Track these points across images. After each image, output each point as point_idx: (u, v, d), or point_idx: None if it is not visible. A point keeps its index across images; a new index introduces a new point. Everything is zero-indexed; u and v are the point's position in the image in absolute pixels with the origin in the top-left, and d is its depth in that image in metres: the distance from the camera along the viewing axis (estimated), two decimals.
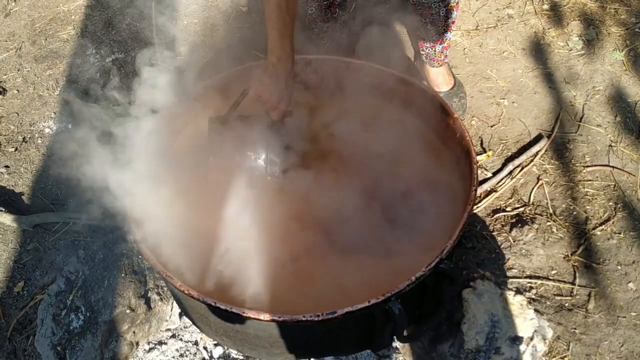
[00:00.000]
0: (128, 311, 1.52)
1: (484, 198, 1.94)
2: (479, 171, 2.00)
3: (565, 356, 1.56)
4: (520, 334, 1.44)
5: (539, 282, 1.71)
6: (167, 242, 1.38)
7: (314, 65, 1.83)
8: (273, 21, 1.48)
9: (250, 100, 1.63)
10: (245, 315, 1.20)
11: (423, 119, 1.76)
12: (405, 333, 1.38)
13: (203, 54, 2.41)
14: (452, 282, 1.31)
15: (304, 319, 1.20)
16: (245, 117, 1.65)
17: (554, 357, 1.55)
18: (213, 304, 1.23)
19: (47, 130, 2.20)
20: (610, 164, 1.95)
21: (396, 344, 1.59)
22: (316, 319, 1.20)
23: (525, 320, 1.46)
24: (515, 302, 1.49)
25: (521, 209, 1.89)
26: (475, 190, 1.41)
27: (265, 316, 1.20)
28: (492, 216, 1.89)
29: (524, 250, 1.79)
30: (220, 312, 1.26)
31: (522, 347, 1.43)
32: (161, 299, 1.59)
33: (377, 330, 1.31)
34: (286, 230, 1.54)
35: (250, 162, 1.63)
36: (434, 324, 1.40)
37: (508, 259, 1.77)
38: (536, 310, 1.50)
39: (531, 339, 1.44)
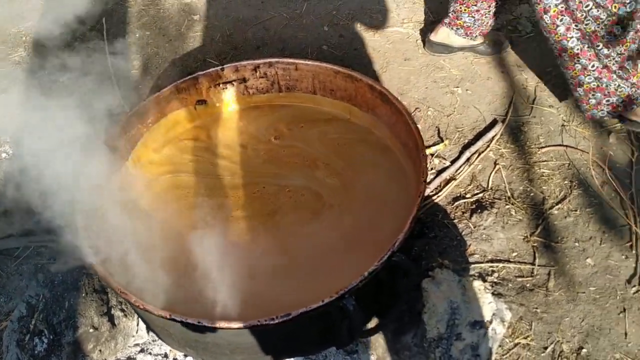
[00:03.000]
0: (91, 330, 1.52)
1: (444, 187, 1.96)
2: (438, 161, 2.04)
3: (528, 336, 1.58)
4: (479, 319, 1.46)
5: (500, 265, 1.74)
6: (122, 260, 1.40)
7: (262, 70, 1.84)
8: None
9: None
10: (200, 324, 1.21)
11: (374, 114, 1.78)
12: (369, 327, 1.41)
13: (157, 65, 2.40)
14: (407, 274, 1.33)
15: (258, 323, 1.21)
16: None
17: (517, 337, 1.57)
18: (168, 316, 1.24)
19: (3, 155, 2.19)
20: (564, 143, 1.98)
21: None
22: (271, 322, 1.21)
23: (483, 304, 1.49)
24: (474, 287, 1.51)
25: (480, 195, 1.91)
26: (424, 182, 1.43)
27: (221, 324, 1.21)
28: (453, 204, 1.91)
29: (484, 235, 1.81)
30: (178, 324, 1.26)
31: (482, 330, 1.45)
32: (125, 315, 1.59)
33: (335, 327, 1.33)
34: (243, 253, 1.57)
35: None
36: (392, 317, 1.42)
37: (469, 245, 1.79)
38: (494, 294, 1.52)
39: (490, 322, 1.46)
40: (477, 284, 1.52)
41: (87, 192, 1.46)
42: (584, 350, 1.54)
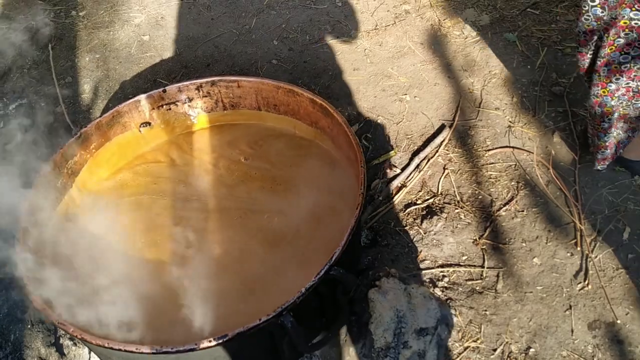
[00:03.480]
0: None
1: (395, 194, 1.97)
2: (389, 169, 2.05)
3: (477, 339, 1.59)
4: (424, 326, 1.48)
5: (451, 269, 1.75)
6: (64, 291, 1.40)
7: (205, 89, 1.84)
8: None
9: None
10: (136, 351, 1.21)
11: (317, 127, 1.79)
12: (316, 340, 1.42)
13: (108, 88, 2.39)
14: (345, 287, 1.34)
15: (196, 347, 1.21)
16: None
17: (467, 341, 1.59)
18: (106, 345, 1.23)
19: None
20: (510, 145, 2.01)
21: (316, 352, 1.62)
22: (209, 344, 1.21)
23: (428, 311, 1.50)
24: (419, 294, 1.53)
25: (431, 200, 1.93)
26: (362, 195, 1.44)
27: (168, 348, 1.21)
28: (405, 211, 1.92)
29: (435, 241, 1.83)
30: (116, 352, 1.26)
31: (428, 337, 1.46)
32: (75, 344, 1.58)
33: (277, 345, 1.33)
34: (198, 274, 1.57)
35: None
36: (339, 329, 1.43)
37: (420, 252, 1.81)
38: (443, 299, 1.54)
39: (435, 328, 1.48)
40: (423, 291, 1.53)
41: (26, 223, 1.45)
42: (531, 349, 1.56)
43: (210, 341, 1.20)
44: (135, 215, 1.76)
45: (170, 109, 1.86)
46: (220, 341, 1.21)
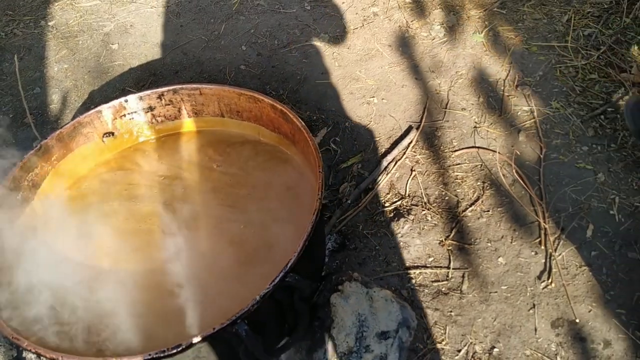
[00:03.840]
0: None
1: (363, 198, 1.98)
2: (357, 172, 2.05)
3: (442, 340, 1.60)
4: (386, 329, 1.47)
5: (417, 271, 1.75)
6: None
7: (167, 97, 1.84)
8: None
9: None
10: None
11: (280, 132, 1.79)
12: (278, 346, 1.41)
13: (76, 98, 2.38)
14: (301, 293, 1.34)
15: (149, 357, 1.20)
16: None
17: (432, 343, 1.59)
18: (60, 358, 1.22)
19: None
20: (476, 145, 2.01)
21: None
22: (162, 355, 1.20)
23: (390, 314, 1.50)
24: (381, 298, 1.52)
25: (398, 203, 1.93)
26: (320, 200, 1.43)
27: None
28: (373, 214, 1.93)
29: (402, 243, 1.83)
30: None
31: (390, 340, 1.46)
32: (38, 356, 1.57)
33: (236, 353, 1.32)
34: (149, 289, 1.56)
35: None
36: (298, 336, 1.42)
37: (387, 254, 1.81)
38: (400, 302, 1.54)
39: (396, 331, 1.48)
40: (384, 294, 1.53)
41: None
42: (495, 349, 1.56)
43: (164, 351, 1.20)
44: (101, 223, 1.74)
45: (133, 118, 1.85)
46: (174, 351, 1.20)
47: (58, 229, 1.71)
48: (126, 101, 1.81)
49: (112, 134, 1.85)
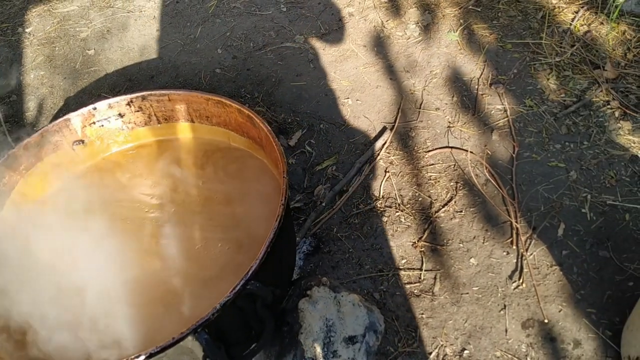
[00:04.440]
0: None
1: (338, 200, 1.97)
2: (332, 174, 2.04)
3: (413, 343, 1.59)
4: (353, 334, 1.47)
5: (390, 274, 1.75)
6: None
7: (136, 104, 1.83)
8: None
9: None
10: None
11: (249, 137, 1.78)
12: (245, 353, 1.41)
13: (52, 105, 2.37)
14: (263, 300, 1.33)
15: None
16: None
17: (403, 346, 1.59)
18: None
19: None
20: (450, 145, 2.01)
21: None
22: None
23: (357, 318, 1.49)
24: (348, 302, 1.52)
25: (372, 204, 1.92)
26: (283, 205, 1.42)
27: None
28: (347, 216, 1.92)
29: (375, 245, 1.82)
30: None
31: (357, 345, 1.46)
32: None
33: None
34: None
35: None
36: (264, 343, 1.42)
37: (360, 257, 1.80)
38: (367, 307, 1.53)
39: (364, 335, 1.47)
40: (352, 299, 1.52)
41: None
42: (466, 351, 1.56)
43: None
44: (72, 234, 1.74)
45: (103, 125, 1.85)
46: None
47: (27, 238, 1.71)
48: (94, 109, 1.80)
49: (82, 141, 1.84)
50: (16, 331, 1.44)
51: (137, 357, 1.20)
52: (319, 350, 1.46)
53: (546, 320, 1.56)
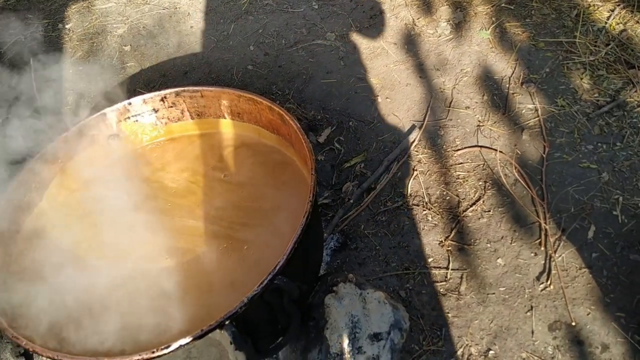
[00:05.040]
0: None
1: (366, 197, 1.98)
2: (360, 172, 2.06)
3: (438, 341, 1.60)
4: (378, 330, 1.49)
5: (416, 272, 1.76)
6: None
7: (170, 100, 1.87)
8: None
9: None
10: None
11: (279, 134, 1.81)
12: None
13: (89, 99, 2.45)
14: (290, 295, 1.36)
15: (139, 357, 1.24)
16: None
17: (428, 344, 1.60)
18: (56, 357, 1.27)
19: None
20: (479, 144, 2.00)
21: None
22: (150, 355, 1.24)
23: (382, 315, 1.51)
24: (374, 299, 1.53)
25: (400, 202, 1.93)
26: (311, 202, 1.44)
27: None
28: (374, 214, 1.93)
29: (402, 243, 1.83)
30: None
31: (382, 342, 1.47)
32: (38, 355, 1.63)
33: (229, 353, 1.36)
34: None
35: None
36: (290, 338, 1.44)
37: (387, 255, 1.82)
38: (393, 304, 1.54)
39: (388, 333, 1.49)
40: (377, 296, 1.53)
41: None
42: (491, 352, 1.56)
43: (153, 352, 1.24)
44: (105, 230, 1.79)
45: (137, 120, 1.90)
46: (163, 352, 1.23)
47: (65, 231, 1.77)
48: (130, 104, 1.86)
49: (118, 136, 1.90)
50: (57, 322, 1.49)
51: (167, 347, 1.25)
52: (344, 346, 1.48)
53: (574, 323, 1.55)
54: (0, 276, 1.51)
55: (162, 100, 1.87)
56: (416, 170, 1.99)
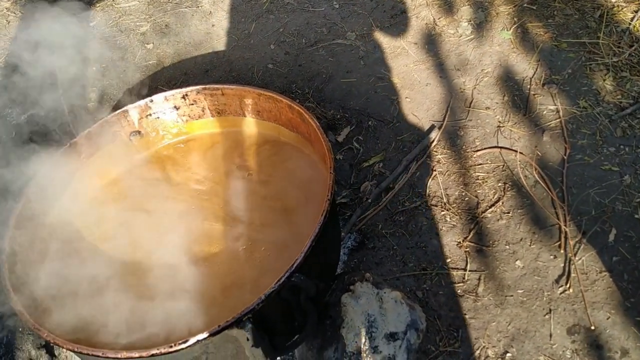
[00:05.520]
0: None
1: (384, 197, 1.98)
2: (379, 171, 2.06)
3: (455, 343, 1.59)
4: (395, 330, 1.49)
5: (434, 272, 1.75)
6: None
7: (191, 97, 1.89)
8: None
9: None
10: (102, 356, 1.26)
11: (298, 132, 1.82)
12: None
13: (112, 96, 2.48)
14: (307, 293, 1.36)
15: (157, 352, 1.25)
16: None
17: (445, 345, 1.59)
18: (76, 349, 1.30)
19: None
20: (499, 145, 1.98)
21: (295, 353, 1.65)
22: (168, 350, 1.25)
23: (399, 315, 1.51)
24: (390, 299, 1.53)
25: (418, 202, 1.93)
26: (329, 201, 1.45)
27: (123, 354, 1.27)
28: (392, 213, 1.93)
29: (420, 243, 1.83)
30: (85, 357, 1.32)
31: (398, 342, 1.47)
32: (59, 347, 1.65)
33: (245, 350, 1.37)
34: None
35: None
36: (306, 335, 1.45)
37: (404, 255, 1.81)
38: (410, 304, 1.54)
39: (405, 333, 1.48)
40: (394, 295, 1.53)
41: (12, 232, 1.53)
42: (508, 354, 1.55)
43: (171, 346, 1.25)
44: (126, 226, 1.81)
45: (159, 117, 1.92)
46: (180, 347, 1.25)
47: (87, 226, 1.80)
48: (151, 101, 1.88)
49: (139, 132, 1.92)
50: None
51: (185, 342, 1.26)
52: (360, 344, 1.48)
53: (593, 327, 1.53)
54: (22, 268, 1.54)
55: (183, 97, 1.90)
56: (435, 170, 1.98)
